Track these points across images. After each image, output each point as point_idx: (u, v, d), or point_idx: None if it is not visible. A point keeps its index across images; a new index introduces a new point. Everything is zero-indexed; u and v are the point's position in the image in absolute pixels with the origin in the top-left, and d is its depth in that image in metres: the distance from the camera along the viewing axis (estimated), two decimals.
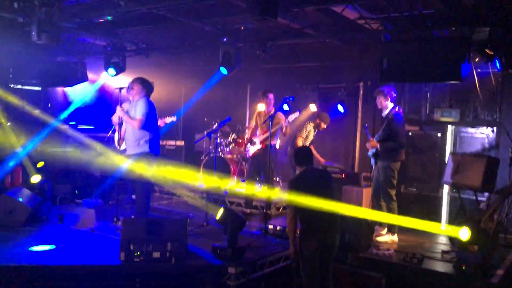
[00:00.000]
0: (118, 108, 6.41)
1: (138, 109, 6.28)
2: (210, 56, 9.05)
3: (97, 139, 8.86)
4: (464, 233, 5.25)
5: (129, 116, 6.32)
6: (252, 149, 7.72)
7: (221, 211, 5.46)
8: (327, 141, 9.51)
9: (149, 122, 6.30)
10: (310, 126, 8.30)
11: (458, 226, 5.44)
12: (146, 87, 6.47)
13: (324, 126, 8.40)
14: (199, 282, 5.09)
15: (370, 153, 6.49)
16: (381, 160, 6.37)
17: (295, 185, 4.66)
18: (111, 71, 8.84)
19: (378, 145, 6.31)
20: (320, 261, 4.59)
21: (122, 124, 6.55)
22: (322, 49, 8.83)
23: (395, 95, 6.50)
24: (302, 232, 4.62)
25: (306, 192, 4.58)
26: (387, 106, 6.43)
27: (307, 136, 8.21)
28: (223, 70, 7.77)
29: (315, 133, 8.33)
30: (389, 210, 6.36)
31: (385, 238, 6.37)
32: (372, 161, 6.52)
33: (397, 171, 6.37)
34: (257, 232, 6.44)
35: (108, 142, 7.92)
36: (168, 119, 8.02)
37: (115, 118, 6.69)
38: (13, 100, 8.86)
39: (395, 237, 6.39)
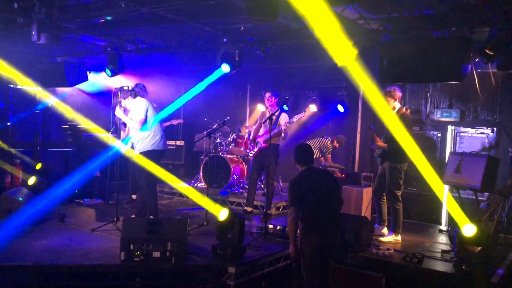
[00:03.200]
0: (117, 108, 6.44)
1: (137, 110, 6.33)
2: (210, 56, 9.06)
3: (97, 139, 8.87)
4: (469, 229, 5.22)
5: (129, 117, 6.37)
6: (256, 149, 7.72)
7: (225, 212, 5.42)
8: None
9: (145, 121, 6.34)
10: (329, 144, 9.11)
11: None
12: (138, 92, 6.55)
13: (337, 145, 9.21)
14: (199, 282, 5.09)
15: (375, 154, 6.48)
16: (388, 161, 6.35)
17: (296, 185, 4.66)
18: (110, 71, 8.85)
19: (385, 146, 6.29)
20: (321, 260, 4.60)
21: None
22: (322, 49, 8.82)
23: (400, 94, 6.46)
24: (303, 231, 4.63)
25: (307, 191, 4.59)
26: (395, 106, 6.38)
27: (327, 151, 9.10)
28: (225, 68, 7.76)
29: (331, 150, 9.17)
30: (395, 211, 6.34)
31: (389, 238, 6.36)
32: (378, 161, 6.52)
33: (404, 172, 6.34)
34: (257, 232, 6.44)
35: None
36: (175, 121, 8.23)
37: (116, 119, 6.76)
38: None
39: (398, 237, 6.39)
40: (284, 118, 7.26)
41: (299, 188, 4.63)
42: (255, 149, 7.73)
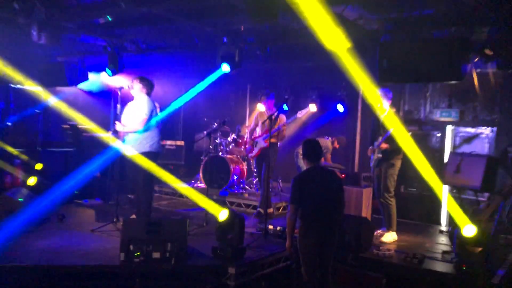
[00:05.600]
0: (117, 123, 6.44)
1: (140, 109, 6.32)
2: (210, 56, 9.05)
3: (97, 139, 8.87)
4: (469, 230, 5.21)
5: (129, 126, 6.36)
6: (256, 149, 7.71)
7: (225, 213, 5.42)
8: None
9: (148, 121, 6.33)
10: (329, 144, 8.85)
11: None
12: (147, 85, 6.52)
13: (337, 146, 8.99)
14: (199, 282, 5.09)
15: (380, 155, 6.47)
16: (385, 160, 6.36)
17: (299, 183, 4.65)
18: (110, 71, 8.86)
19: (388, 147, 6.30)
20: (320, 260, 4.62)
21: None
22: (322, 49, 8.82)
23: (391, 95, 6.49)
24: (301, 230, 4.65)
25: (310, 190, 4.59)
26: (386, 108, 6.42)
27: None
28: (225, 67, 7.76)
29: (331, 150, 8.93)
30: (388, 207, 6.35)
31: (388, 237, 6.36)
32: (375, 162, 6.51)
33: (398, 168, 6.37)
34: (257, 232, 6.44)
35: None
36: None
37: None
38: None
39: (394, 235, 6.39)
40: (282, 119, 7.27)
41: (301, 186, 4.62)
42: (255, 150, 7.72)
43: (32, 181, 7.69)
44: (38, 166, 8.59)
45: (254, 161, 8.36)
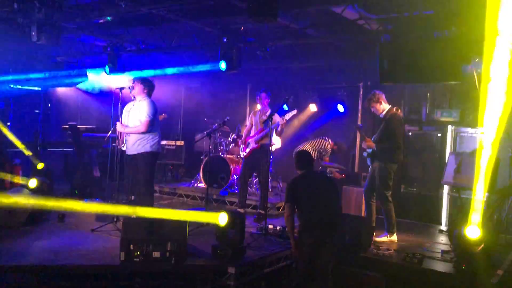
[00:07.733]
0: (118, 124, 6.42)
1: (143, 110, 6.30)
2: (210, 56, 9.06)
3: (97, 140, 8.86)
4: (473, 231, 5.18)
5: (131, 127, 6.35)
6: (247, 149, 7.69)
7: (224, 216, 5.39)
8: None
9: (151, 122, 6.33)
10: (328, 147, 8.61)
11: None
12: (148, 86, 6.49)
13: (336, 150, 8.80)
14: (199, 282, 5.09)
15: (365, 153, 6.46)
16: (378, 161, 6.33)
17: (293, 185, 4.91)
18: (111, 71, 8.87)
19: (374, 145, 6.27)
20: (318, 260, 4.67)
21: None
22: (322, 49, 8.84)
23: (383, 95, 6.41)
24: (300, 229, 4.83)
25: (304, 192, 4.81)
26: (383, 108, 6.37)
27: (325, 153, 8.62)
28: (222, 65, 7.76)
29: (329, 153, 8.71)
30: (386, 212, 6.31)
31: (383, 238, 6.34)
32: (368, 161, 6.48)
33: (393, 172, 6.28)
34: (257, 232, 6.44)
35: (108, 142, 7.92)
36: (160, 117, 8.16)
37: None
38: None
39: (394, 238, 6.37)
40: (275, 118, 7.25)
41: (295, 187, 4.89)
42: (247, 150, 7.71)
43: (33, 183, 7.55)
44: (40, 166, 8.54)
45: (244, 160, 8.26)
